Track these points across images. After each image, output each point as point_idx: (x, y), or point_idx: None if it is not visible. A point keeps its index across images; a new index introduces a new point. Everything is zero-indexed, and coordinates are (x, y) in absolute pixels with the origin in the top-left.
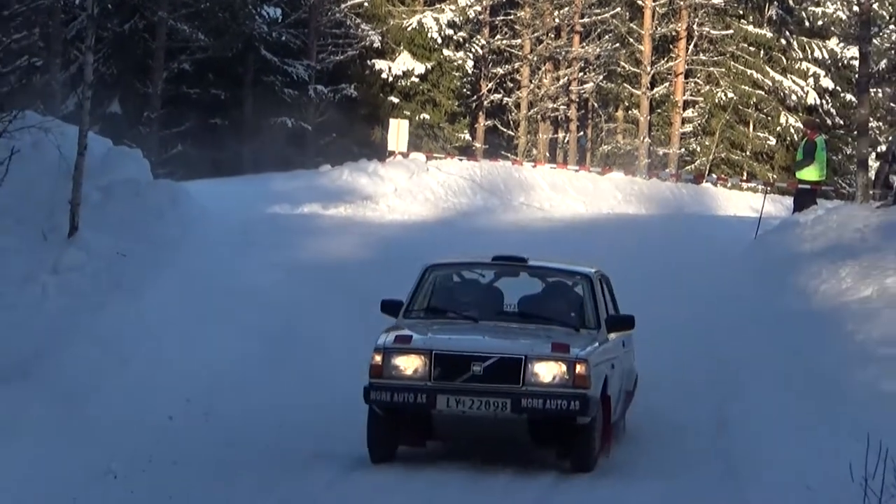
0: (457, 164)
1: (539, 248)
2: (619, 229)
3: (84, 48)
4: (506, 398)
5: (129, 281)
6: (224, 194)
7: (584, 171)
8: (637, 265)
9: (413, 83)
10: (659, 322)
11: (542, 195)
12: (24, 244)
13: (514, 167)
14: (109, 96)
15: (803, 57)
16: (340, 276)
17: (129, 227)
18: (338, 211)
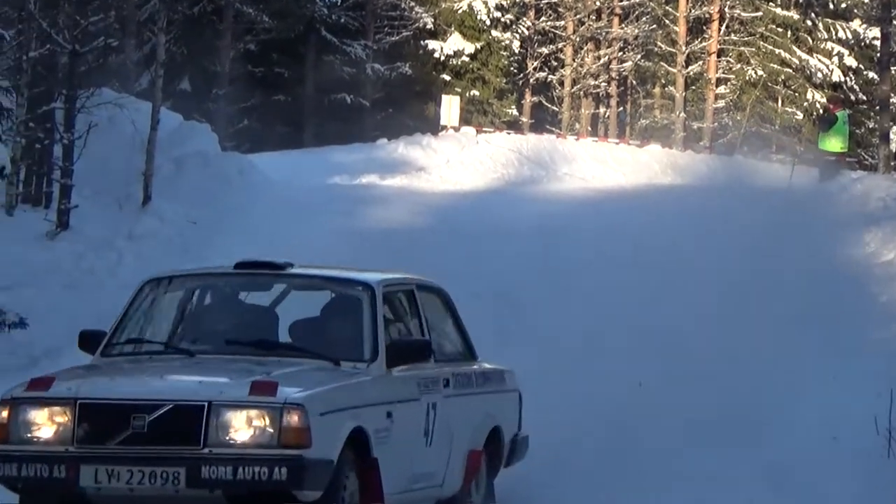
0: (505, 138)
1: (582, 214)
2: (655, 197)
3: (157, 30)
4: (179, 467)
5: (198, 246)
6: (287, 166)
7: (623, 144)
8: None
9: (463, 62)
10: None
11: (584, 166)
12: (101, 213)
13: (558, 140)
14: (180, 74)
15: (828, 37)
16: (395, 241)
17: (198, 196)
18: (394, 181)
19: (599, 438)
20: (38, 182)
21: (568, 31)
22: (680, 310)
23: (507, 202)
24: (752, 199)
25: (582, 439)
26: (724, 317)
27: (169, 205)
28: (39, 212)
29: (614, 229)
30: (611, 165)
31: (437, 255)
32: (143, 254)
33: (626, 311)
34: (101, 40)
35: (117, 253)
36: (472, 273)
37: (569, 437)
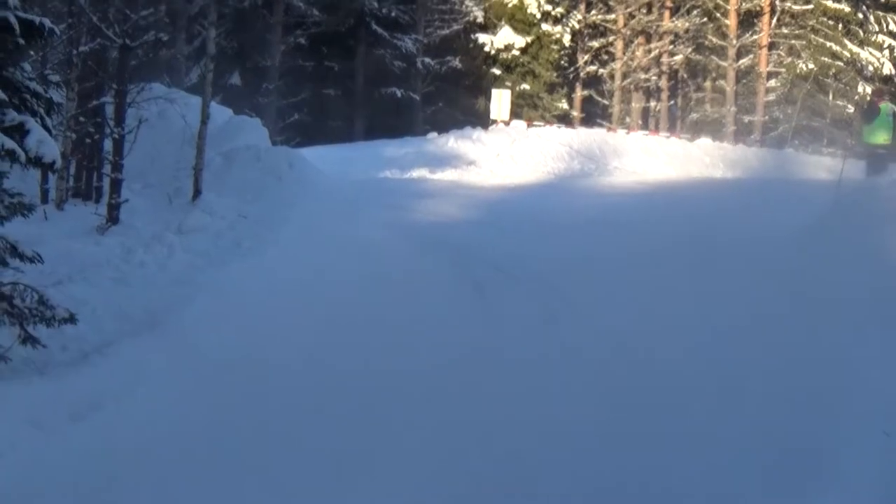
0: (555, 132)
1: (633, 207)
2: (706, 190)
3: (207, 24)
4: None
5: (249, 240)
6: (337, 160)
7: (674, 138)
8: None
9: (514, 56)
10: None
11: (635, 160)
12: (152, 206)
13: (608, 134)
14: (230, 69)
15: (879, 30)
16: (446, 234)
17: (249, 189)
18: (444, 175)
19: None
20: (89, 177)
21: (618, 24)
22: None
23: (558, 196)
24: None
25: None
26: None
27: (219, 199)
28: (90, 206)
29: (665, 222)
30: (661, 159)
31: (488, 247)
32: (194, 248)
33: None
34: (151, 34)
35: (167, 247)
36: (521, 264)
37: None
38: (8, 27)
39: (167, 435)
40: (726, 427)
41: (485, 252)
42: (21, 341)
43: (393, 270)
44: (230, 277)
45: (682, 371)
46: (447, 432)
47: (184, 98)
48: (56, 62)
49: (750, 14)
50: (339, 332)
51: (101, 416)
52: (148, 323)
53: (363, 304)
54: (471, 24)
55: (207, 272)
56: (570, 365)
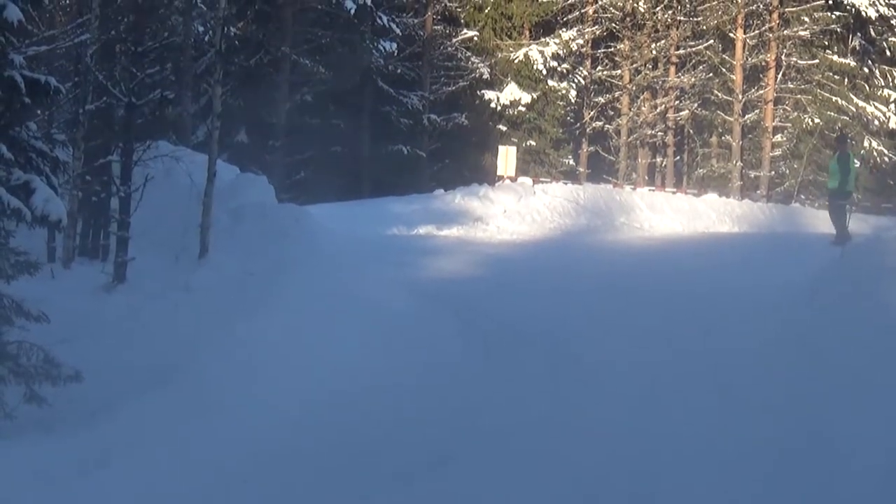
0: (561, 188)
1: (640, 263)
2: (712, 245)
3: (213, 82)
4: None
5: (255, 298)
6: (344, 217)
7: (681, 193)
8: (730, 280)
9: (520, 112)
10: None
11: (641, 215)
12: (159, 265)
13: (615, 190)
14: (237, 126)
15: (885, 84)
16: (453, 291)
17: (255, 247)
18: (451, 232)
19: None
20: (95, 235)
21: (624, 80)
22: (742, 370)
23: (565, 252)
24: (810, 246)
25: None
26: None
27: (226, 256)
28: (96, 265)
29: (672, 279)
30: (668, 214)
31: (495, 305)
32: (200, 306)
33: (683, 365)
34: (157, 93)
35: (173, 305)
36: (528, 323)
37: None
38: (14, 86)
39: (173, 494)
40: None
41: (492, 311)
42: (27, 400)
43: (399, 329)
44: (236, 336)
45: (690, 437)
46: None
47: (190, 156)
48: (62, 121)
49: (756, 69)
50: (343, 394)
51: (108, 474)
52: (154, 381)
53: (368, 367)
54: (477, 81)
55: (214, 331)
56: (575, 426)
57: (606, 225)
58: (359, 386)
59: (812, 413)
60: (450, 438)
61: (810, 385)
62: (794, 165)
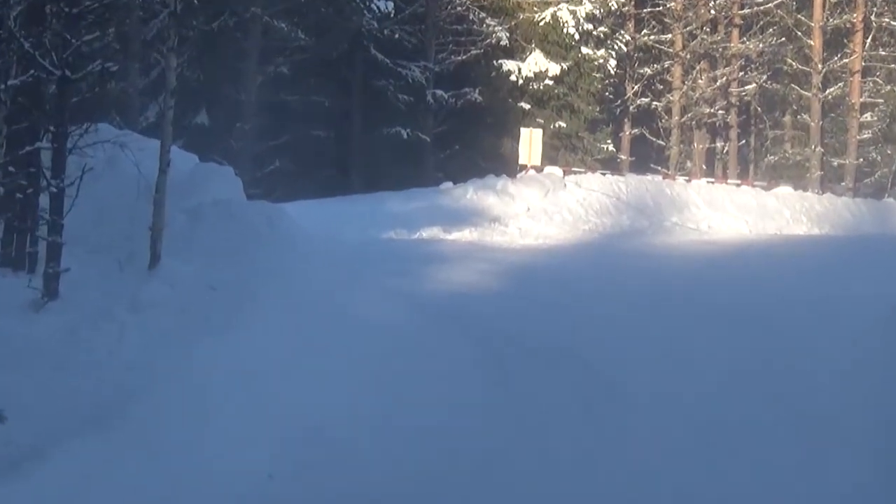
0: (599, 180)
1: (696, 275)
2: (786, 252)
3: (166, 50)
4: None
5: (220, 317)
6: (329, 217)
7: (746, 186)
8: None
9: (547, 86)
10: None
11: (697, 214)
12: (99, 277)
13: (665, 182)
14: (195, 105)
15: None
16: (466, 308)
17: (219, 255)
18: (461, 235)
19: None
20: (21, 240)
21: (676, 46)
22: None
23: (601, 260)
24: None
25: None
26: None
27: (183, 266)
28: (22, 277)
29: (734, 293)
30: (730, 212)
31: (517, 325)
32: (151, 327)
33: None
34: (97, 64)
35: (119, 326)
36: (558, 347)
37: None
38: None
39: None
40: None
41: (513, 331)
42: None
43: (401, 356)
44: (196, 363)
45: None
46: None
47: (138, 142)
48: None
49: (839, 32)
50: (328, 438)
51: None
52: (95, 420)
53: (359, 403)
54: (493, 48)
55: (168, 356)
56: (612, 467)
57: (654, 226)
58: (347, 428)
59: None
60: (463, 499)
61: None
62: (886, 151)
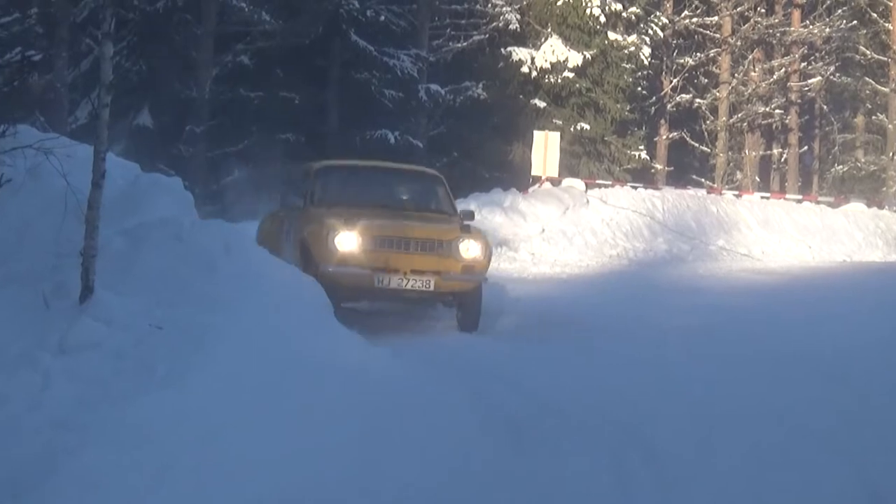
0: (629, 194)
1: (748, 311)
2: (860, 282)
3: (101, 35)
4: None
5: (165, 364)
6: None
7: (809, 202)
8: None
9: (566, 79)
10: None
11: (749, 236)
12: (18, 311)
13: (709, 197)
14: (137, 103)
15: None
16: (467, 353)
17: (165, 287)
18: None
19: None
20: None
21: (724, 31)
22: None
23: (633, 293)
24: None
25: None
26: None
27: (120, 300)
28: None
29: (796, 334)
30: (789, 234)
31: (527, 373)
32: (82, 374)
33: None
34: (15, 52)
35: (42, 375)
36: (578, 401)
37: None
38: None
39: None
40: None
41: (523, 380)
42: None
43: (387, 411)
44: (137, 418)
45: None
46: None
47: (67, 147)
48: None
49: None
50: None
51: None
52: (11, 491)
53: (336, 466)
54: (501, 33)
55: (102, 410)
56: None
57: (697, 251)
58: (316, 496)
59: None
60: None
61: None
62: None
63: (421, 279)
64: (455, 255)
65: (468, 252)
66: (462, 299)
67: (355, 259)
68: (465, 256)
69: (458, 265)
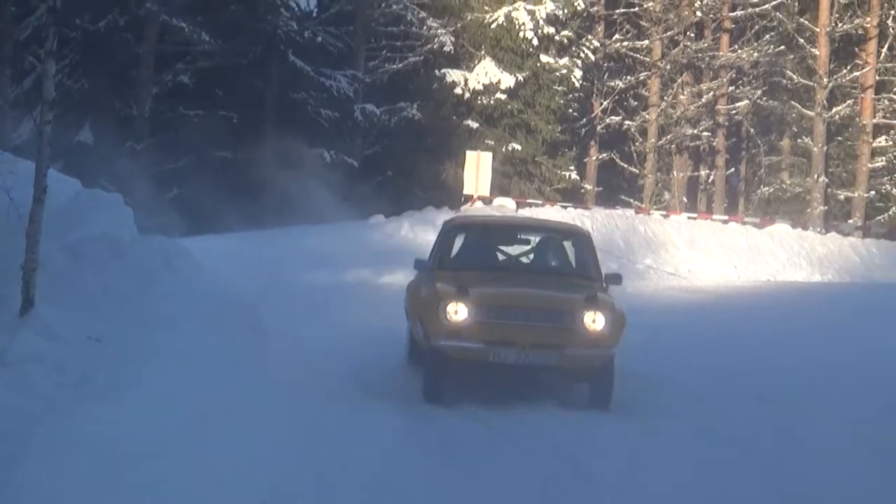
0: (559, 214)
1: (676, 330)
2: (784, 301)
3: (43, 54)
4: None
5: (106, 378)
6: (237, 255)
7: (735, 223)
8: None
9: (499, 101)
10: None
11: (676, 256)
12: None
13: (638, 217)
14: (78, 120)
15: None
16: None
17: (105, 300)
18: (394, 279)
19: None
20: None
21: (654, 54)
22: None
23: None
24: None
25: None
26: None
27: (61, 313)
28: None
29: (723, 353)
30: (716, 255)
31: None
32: (22, 387)
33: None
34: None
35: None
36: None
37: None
38: None
39: None
40: None
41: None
42: None
43: (324, 428)
44: (78, 431)
45: None
46: None
47: (8, 163)
48: None
49: (848, 40)
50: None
51: None
52: None
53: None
54: (435, 55)
55: (43, 423)
56: None
57: (625, 269)
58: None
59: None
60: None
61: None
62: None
63: (542, 354)
64: (579, 327)
65: (594, 324)
66: (589, 375)
67: (468, 332)
68: (589, 329)
69: (582, 339)
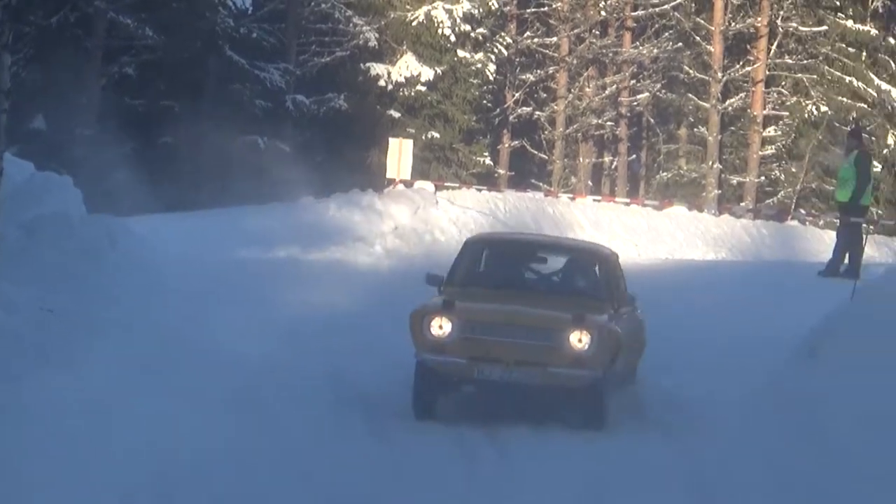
0: (474, 196)
1: None
2: (680, 278)
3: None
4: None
5: (58, 345)
6: (178, 233)
7: (636, 206)
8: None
9: (419, 92)
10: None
11: (582, 236)
12: None
13: (546, 200)
14: (32, 109)
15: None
16: (324, 335)
17: (57, 275)
18: (322, 255)
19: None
20: None
21: (562, 50)
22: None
23: None
24: (811, 283)
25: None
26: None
27: (16, 288)
28: None
29: None
30: (618, 234)
31: (385, 350)
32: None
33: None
34: None
35: None
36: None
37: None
38: None
39: None
40: None
41: (386, 357)
42: None
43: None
44: (32, 401)
45: None
46: None
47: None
48: None
49: (741, 38)
50: (184, 489)
51: None
52: None
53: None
54: (360, 50)
55: (1, 388)
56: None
57: None
58: (199, 477)
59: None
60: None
61: (813, 480)
62: (791, 169)
63: (526, 371)
64: (563, 346)
65: (580, 344)
66: (575, 396)
67: (451, 347)
68: (575, 349)
69: (567, 358)
